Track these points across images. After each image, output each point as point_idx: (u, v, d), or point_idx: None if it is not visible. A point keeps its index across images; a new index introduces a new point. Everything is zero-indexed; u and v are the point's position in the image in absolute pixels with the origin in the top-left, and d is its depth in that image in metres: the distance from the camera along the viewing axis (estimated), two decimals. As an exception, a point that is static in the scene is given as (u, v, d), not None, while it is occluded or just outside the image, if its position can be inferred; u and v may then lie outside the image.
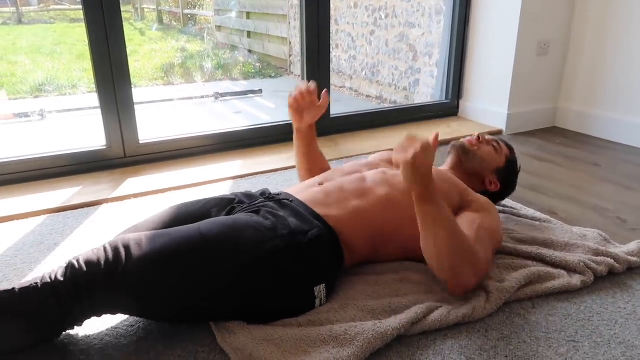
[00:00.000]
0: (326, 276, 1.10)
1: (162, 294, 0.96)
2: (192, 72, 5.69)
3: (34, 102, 4.22)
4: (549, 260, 1.27)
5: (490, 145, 1.46)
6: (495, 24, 2.57)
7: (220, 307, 1.01)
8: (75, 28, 8.01)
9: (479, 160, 1.42)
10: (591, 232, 1.45)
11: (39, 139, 3.15)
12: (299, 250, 1.04)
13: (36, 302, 0.91)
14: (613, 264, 1.27)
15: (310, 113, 1.43)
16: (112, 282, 0.92)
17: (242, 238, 1.01)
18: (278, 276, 1.02)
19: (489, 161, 1.43)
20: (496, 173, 1.43)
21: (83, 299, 0.92)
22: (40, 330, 0.94)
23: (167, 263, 0.95)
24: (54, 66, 5.62)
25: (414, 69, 3.71)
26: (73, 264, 0.94)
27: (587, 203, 1.77)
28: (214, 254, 0.98)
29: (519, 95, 2.60)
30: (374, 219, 1.18)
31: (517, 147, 2.41)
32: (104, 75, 1.93)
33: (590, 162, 2.20)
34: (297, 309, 1.06)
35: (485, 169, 1.43)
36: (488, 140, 1.47)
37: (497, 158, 1.44)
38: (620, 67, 2.44)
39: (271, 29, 5.65)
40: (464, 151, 1.43)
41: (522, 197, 1.80)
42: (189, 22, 7.82)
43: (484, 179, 1.43)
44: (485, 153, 1.43)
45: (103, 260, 0.94)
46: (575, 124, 2.69)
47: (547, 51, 2.59)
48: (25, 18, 8.65)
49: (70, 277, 0.92)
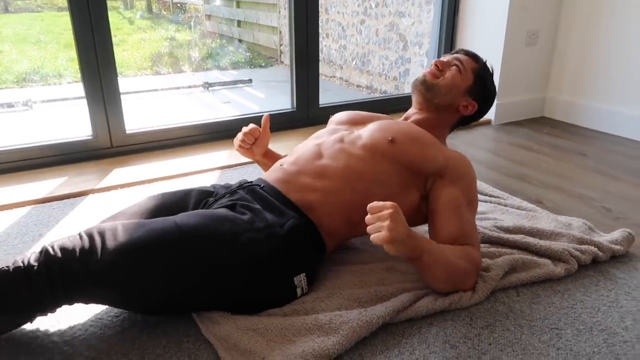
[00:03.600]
0: (305, 265, 1.09)
1: (138, 285, 0.95)
2: (181, 62, 5.64)
3: (20, 92, 4.16)
4: (533, 249, 1.28)
5: (452, 66, 1.29)
6: (484, 14, 2.57)
7: (199, 300, 1.00)
8: (63, 17, 7.88)
9: (446, 90, 1.27)
10: (576, 221, 1.47)
11: (25, 129, 3.11)
12: (276, 242, 1.03)
13: (6, 285, 0.90)
14: (597, 252, 1.28)
15: (258, 145, 1.43)
16: (87, 271, 0.91)
17: (218, 231, 1.00)
18: (256, 268, 1.01)
19: (456, 86, 1.28)
20: (468, 94, 1.30)
21: (56, 285, 0.90)
22: (9, 314, 0.93)
23: (143, 254, 0.94)
24: (40, 55, 5.54)
25: (404, 58, 3.70)
26: (47, 249, 0.93)
27: (573, 192, 1.78)
28: (190, 245, 0.97)
29: (507, 85, 2.60)
30: (343, 195, 1.14)
31: (505, 137, 2.43)
32: (89, 64, 1.90)
33: (578, 152, 2.21)
34: (279, 300, 1.06)
35: (455, 95, 1.28)
36: (448, 63, 1.30)
37: (464, 78, 1.28)
38: (608, 57, 2.45)
39: (261, 18, 5.60)
40: (428, 87, 1.28)
41: (508, 187, 1.81)
42: (178, 10, 7.72)
43: (457, 106, 1.30)
44: (449, 80, 1.27)
45: (78, 248, 0.92)
46: (563, 114, 2.70)
47: (535, 41, 2.60)
48: (12, 7, 8.50)
49: (43, 263, 0.91)
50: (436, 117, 1.31)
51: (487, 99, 1.34)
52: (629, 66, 2.37)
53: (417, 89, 1.30)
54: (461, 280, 1.10)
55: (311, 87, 2.42)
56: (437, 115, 1.31)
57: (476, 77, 1.30)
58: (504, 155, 2.17)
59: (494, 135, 2.48)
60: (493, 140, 2.41)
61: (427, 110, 1.31)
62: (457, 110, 1.31)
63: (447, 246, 1.09)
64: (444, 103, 1.29)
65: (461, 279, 1.10)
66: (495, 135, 2.48)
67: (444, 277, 1.07)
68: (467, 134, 2.48)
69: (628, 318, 1.08)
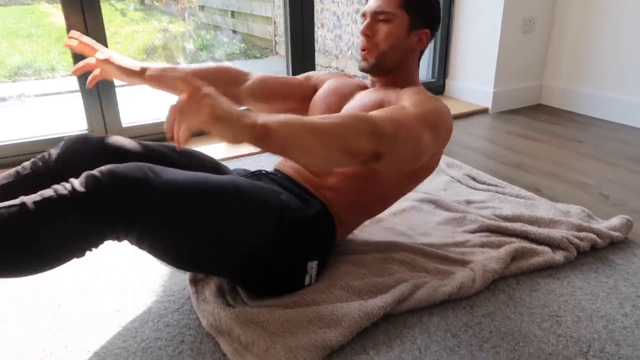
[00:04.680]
0: (320, 254, 1.11)
1: (182, 225, 0.91)
2: (175, 54, 5.59)
3: (13, 86, 4.12)
4: (532, 237, 1.28)
5: (379, 22, 1.13)
6: (480, 2, 2.55)
7: (224, 257, 0.98)
8: (53, 9, 7.81)
9: (390, 52, 1.13)
10: (574, 208, 1.47)
11: (19, 123, 3.08)
12: (306, 224, 1.06)
13: (55, 214, 0.82)
14: (595, 239, 1.28)
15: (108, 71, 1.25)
16: (137, 200, 0.86)
17: (267, 200, 1.02)
18: (283, 243, 1.03)
19: (397, 38, 1.12)
20: (412, 30, 1.13)
21: (105, 213, 0.84)
22: (62, 245, 0.85)
23: (196, 194, 0.92)
24: (32, 49, 5.48)
25: (399, 47, 3.68)
26: (94, 175, 0.86)
27: (571, 179, 1.78)
28: (241, 200, 0.98)
29: (504, 74, 2.60)
30: (358, 185, 1.13)
31: (502, 125, 2.43)
32: (82, 57, 1.87)
33: (574, 139, 2.22)
34: (286, 283, 1.07)
35: (402, 46, 1.14)
36: (374, 19, 1.13)
37: (398, 23, 1.12)
38: (604, 44, 2.44)
39: (255, 8, 5.56)
40: (373, 66, 1.16)
41: (506, 175, 1.81)
42: (171, 1, 7.65)
43: (411, 48, 1.15)
44: (385, 40, 1.12)
45: (131, 176, 0.87)
46: (559, 101, 2.70)
47: (532, 28, 2.58)
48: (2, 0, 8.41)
49: (92, 188, 0.84)
50: (399, 72, 1.17)
51: (432, 15, 1.17)
52: (624, 53, 2.36)
53: (366, 72, 1.19)
54: (346, 139, 0.84)
55: (307, 77, 2.40)
56: (399, 71, 1.17)
57: (408, 8, 1.12)
58: (502, 144, 2.17)
59: (491, 123, 2.48)
60: (490, 128, 2.40)
61: (388, 74, 1.18)
62: (413, 51, 1.16)
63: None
64: (397, 61, 1.15)
65: (345, 137, 0.84)
66: (492, 123, 2.48)
67: (318, 146, 0.82)
68: (464, 122, 2.48)
69: (627, 304, 1.09)
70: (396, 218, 1.46)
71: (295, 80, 1.34)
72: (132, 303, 1.10)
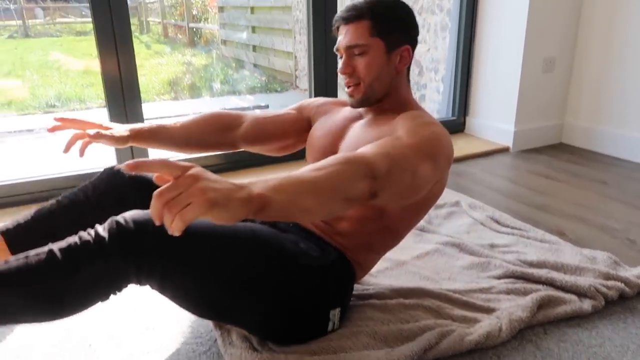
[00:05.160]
0: (342, 299, 1.12)
1: (200, 269, 0.92)
2: (200, 87, 5.73)
3: (44, 118, 4.26)
4: (559, 285, 1.27)
5: (354, 56, 1.09)
6: (501, 41, 2.59)
7: (247, 304, 0.99)
8: (82, 41, 8.11)
9: (376, 82, 1.09)
10: (601, 254, 1.46)
11: (49, 155, 3.17)
12: (325, 272, 1.06)
13: (79, 259, 0.85)
14: (624, 288, 1.27)
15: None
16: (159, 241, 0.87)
17: (284, 247, 1.03)
18: (303, 293, 1.03)
19: (377, 67, 1.08)
20: (391, 51, 1.09)
21: (129, 259, 0.87)
22: (84, 291, 0.87)
23: (216, 240, 0.94)
24: (61, 80, 5.68)
25: (419, 84, 3.73)
26: (118, 221, 0.88)
27: (596, 222, 1.77)
28: (259, 248, 0.99)
29: (525, 112, 2.61)
30: (366, 227, 1.12)
31: (524, 164, 2.43)
32: (113, 90, 1.95)
33: (598, 180, 2.20)
34: (309, 332, 1.07)
35: (386, 72, 1.09)
36: (349, 55, 1.09)
37: (374, 51, 1.07)
38: (625, 83, 2.45)
39: (276, 43, 5.70)
40: (362, 101, 1.11)
41: (529, 217, 1.81)
42: (195, 35, 7.89)
43: (395, 69, 1.10)
44: (367, 72, 1.08)
45: (151, 223, 0.88)
46: (581, 141, 2.69)
47: (552, 68, 2.61)
48: (32, 31, 8.76)
49: (116, 234, 0.87)
50: (390, 97, 1.12)
51: (406, 29, 1.11)
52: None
53: (357, 107, 1.15)
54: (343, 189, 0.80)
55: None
56: (390, 96, 1.12)
57: (379, 34, 1.07)
58: (523, 184, 2.17)
59: (512, 162, 2.48)
60: (511, 167, 2.41)
61: (380, 102, 1.13)
62: (398, 72, 1.11)
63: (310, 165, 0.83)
64: (385, 88, 1.11)
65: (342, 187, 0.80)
66: (513, 162, 2.48)
67: (317, 204, 0.78)
68: (485, 161, 2.49)
69: (659, 358, 1.07)
70: (420, 261, 1.46)
71: (289, 117, 1.31)
72: (161, 345, 1.11)
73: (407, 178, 0.90)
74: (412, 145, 0.94)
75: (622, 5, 2.40)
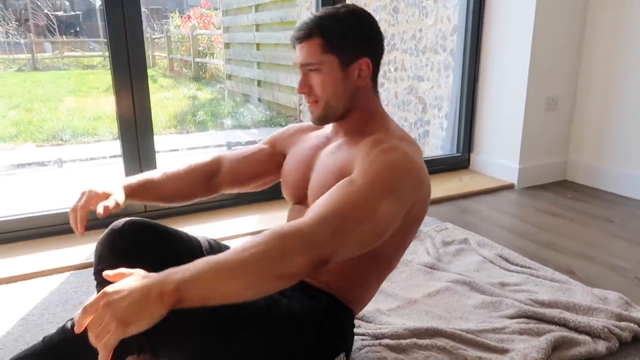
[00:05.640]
0: (344, 343, 1.10)
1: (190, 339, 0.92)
2: (206, 121, 5.82)
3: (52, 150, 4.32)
4: (572, 325, 1.28)
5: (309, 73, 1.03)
6: (504, 80, 2.65)
7: None
8: (89, 75, 8.26)
9: (334, 99, 1.03)
10: (612, 294, 1.46)
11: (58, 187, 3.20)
12: (319, 321, 1.04)
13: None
14: (637, 329, 1.27)
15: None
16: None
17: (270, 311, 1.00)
18: (304, 346, 1.01)
19: (335, 83, 1.02)
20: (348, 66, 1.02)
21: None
22: None
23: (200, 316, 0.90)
24: (70, 113, 5.77)
25: (423, 120, 3.79)
26: None
27: (604, 261, 1.78)
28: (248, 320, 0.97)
29: (529, 150, 2.65)
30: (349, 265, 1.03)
31: (529, 201, 2.45)
32: (127, 124, 1.98)
33: (603, 218, 2.22)
34: None
35: (344, 87, 1.03)
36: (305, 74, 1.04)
37: (329, 68, 1.01)
38: (626, 122, 2.50)
39: (281, 78, 5.81)
40: (323, 118, 1.07)
41: (537, 255, 1.82)
42: (200, 70, 8.05)
43: (356, 85, 1.04)
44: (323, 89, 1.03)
45: None
46: (585, 178, 2.72)
47: (555, 106, 2.66)
48: (40, 64, 8.93)
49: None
50: (354, 112, 1.06)
51: (362, 41, 1.03)
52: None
53: (318, 125, 1.11)
54: (273, 267, 0.79)
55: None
56: (353, 112, 1.06)
57: (332, 50, 1.00)
58: (530, 221, 2.18)
59: (518, 199, 2.50)
60: (517, 204, 2.43)
61: (344, 118, 1.08)
62: (359, 87, 1.04)
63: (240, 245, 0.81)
64: (346, 104, 1.05)
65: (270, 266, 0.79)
66: (518, 199, 2.50)
67: (243, 287, 0.78)
68: (491, 198, 2.51)
69: (676, 402, 1.07)
70: (431, 300, 1.47)
71: (263, 154, 1.27)
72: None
73: (365, 227, 0.88)
74: (367, 186, 0.90)
75: (623, 45, 2.47)
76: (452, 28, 3.40)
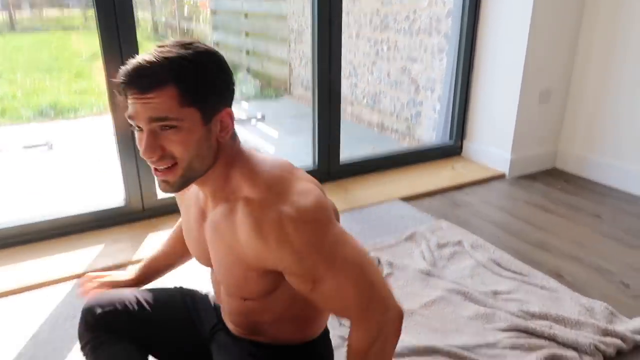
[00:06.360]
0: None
1: None
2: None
3: (38, 128, 4.25)
4: (561, 341, 1.36)
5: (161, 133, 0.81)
6: (499, 69, 2.66)
7: None
8: (71, 36, 8.00)
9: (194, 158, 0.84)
10: (598, 304, 1.54)
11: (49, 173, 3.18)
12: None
13: None
14: (621, 345, 1.36)
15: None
16: None
17: None
18: None
19: (196, 142, 0.82)
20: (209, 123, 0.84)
21: None
22: None
23: None
24: (53, 85, 5.64)
25: (416, 101, 3.79)
26: None
27: (592, 264, 1.86)
28: None
29: (521, 141, 2.69)
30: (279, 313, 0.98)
31: (520, 193, 2.51)
32: (124, 128, 1.97)
33: (592, 213, 2.29)
34: None
35: (204, 144, 0.84)
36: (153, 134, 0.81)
37: (188, 123, 0.81)
38: (619, 114, 2.54)
39: (271, 50, 5.71)
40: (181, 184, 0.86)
41: (528, 256, 1.89)
42: (185, 35, 7.84)
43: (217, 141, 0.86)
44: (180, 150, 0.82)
45: None
46: (575, 167, 2.78)
47: (548, 99, 2.68)
48: (19, 26, 8.60)
49: None
50: (216, 169, 0.88)
51: (223, 89, 0.86)
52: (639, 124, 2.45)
53: (173, 193, 0.92)
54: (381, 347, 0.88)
55: (332, 147, 2.51)
56: (215, 168, 0.88)
57: (194, 103, 0.81)
58: (522, 218, 2.24)
59: (509, 191, 2.56)
60: (509, 197, 2.48)
61: (207, 179, 0.89)
62: (221, 140, 0.87)
63: None
64: (209, 163, 0.87)
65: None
66: (509, 190, 2.56)
67: None
68: (482, 188, 2.56)
69: (655, 420, 1.15)
70: (427, 310, 1.53)
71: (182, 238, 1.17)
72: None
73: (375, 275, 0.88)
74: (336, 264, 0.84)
75: (619, 39, 2.48)
76: (447, 11, 3.35)
